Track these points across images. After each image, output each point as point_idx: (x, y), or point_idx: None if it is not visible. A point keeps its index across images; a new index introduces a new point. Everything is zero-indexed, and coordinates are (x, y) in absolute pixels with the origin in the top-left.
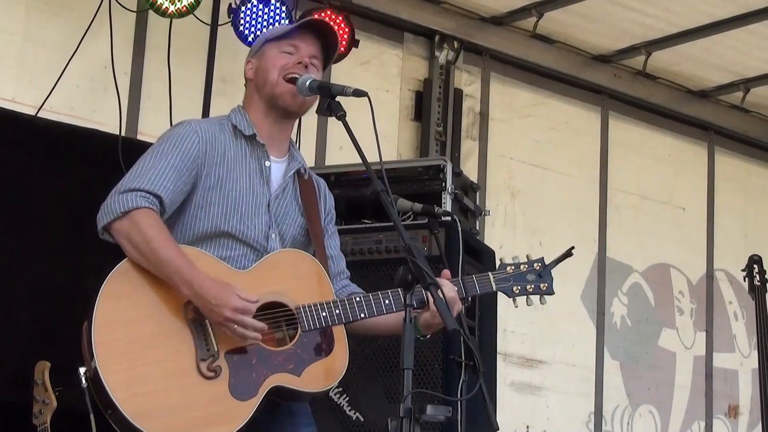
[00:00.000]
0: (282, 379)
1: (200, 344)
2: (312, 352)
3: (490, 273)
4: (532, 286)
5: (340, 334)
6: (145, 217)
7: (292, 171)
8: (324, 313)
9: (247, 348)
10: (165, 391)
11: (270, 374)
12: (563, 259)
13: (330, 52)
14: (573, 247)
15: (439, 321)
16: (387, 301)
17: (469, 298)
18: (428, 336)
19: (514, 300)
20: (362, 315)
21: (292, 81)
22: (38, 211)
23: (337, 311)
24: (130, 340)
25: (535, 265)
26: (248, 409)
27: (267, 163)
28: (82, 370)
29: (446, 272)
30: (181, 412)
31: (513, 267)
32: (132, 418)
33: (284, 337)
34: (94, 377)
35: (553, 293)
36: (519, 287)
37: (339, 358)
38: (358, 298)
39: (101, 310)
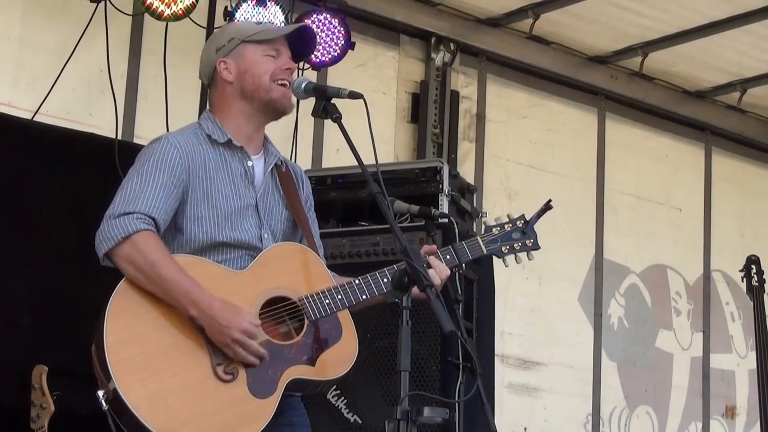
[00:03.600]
0: (298, 372)
1: (213, 349)
2: (322, 341)
3: (478, 237)
4: (519, 244)
5: (346, 318)
6: (147, 240)
7: (271, 166)
8: (327, 301)
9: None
10: (187, 400)
11: (285, 368)
12: (543, 213)
13: (305, 49)
14: (551, 200)
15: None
16: (385, 280)
17: (464, 265)
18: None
19: (504, 260)
20: (364, 297)
21: (283, 86)
22: (36, 215)
23: (340, 297)
24: (144, 356)
25: (518, 222)
26: (270, 405)
27: (249, 163)
28: (100, 393)
29: (431, 248)
30: (206, 418)
31: (498, 228)
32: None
33: (290, 331)
34: (114, 398)
35: (539, 248)
36: (507, 246)
37: (349, 343)
38: (357, 281)
39: (111, 329)
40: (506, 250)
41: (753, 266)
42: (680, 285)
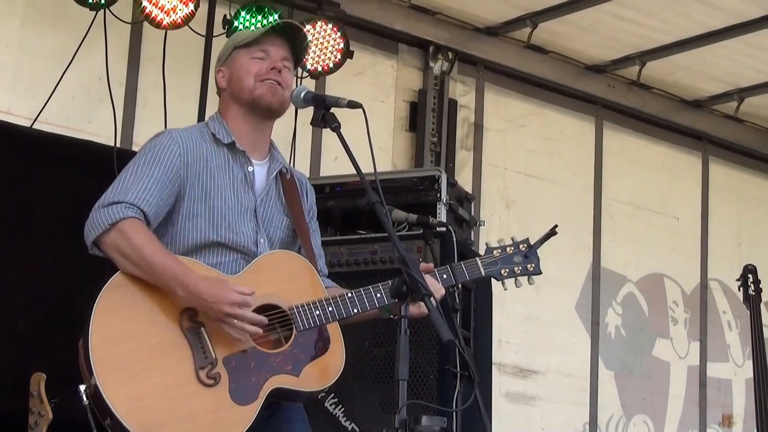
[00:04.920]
0: (282, 381)
1: (197, 352)
2: (309, 352)
3: (477, 258)
4: (520, 268)
5: (335, 331)
6: (132, 226)
7: (275, 172)
8: (317, 312)
9: (244, 352)
10: (166, 402)
11: (269, 376)
12: (547, 238)
13: (300, 51)
14: (556, 225)
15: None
16: (378, 295)
17: (459, 285)
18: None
19: (503, 283)
20: (355, 310)
21: (270, 84)
22: (34, 221)
23: (330, 309)
24: (127, 354)
25: (521, 246)
26: (250, 413)
27: (250, 168)
28: (82, 387)
29: (428, 266)
30: (184, 422)
31: (499, 250)
32: (136, 431)
33: (279, 339)
34: (94, 393)
35: (541, 273)
36: (507, 270)
37: (336, 356)
38: (350, 294)
39: (96, 325)
40: (506, 273)
41: (750, 275)
42: (677, 294)
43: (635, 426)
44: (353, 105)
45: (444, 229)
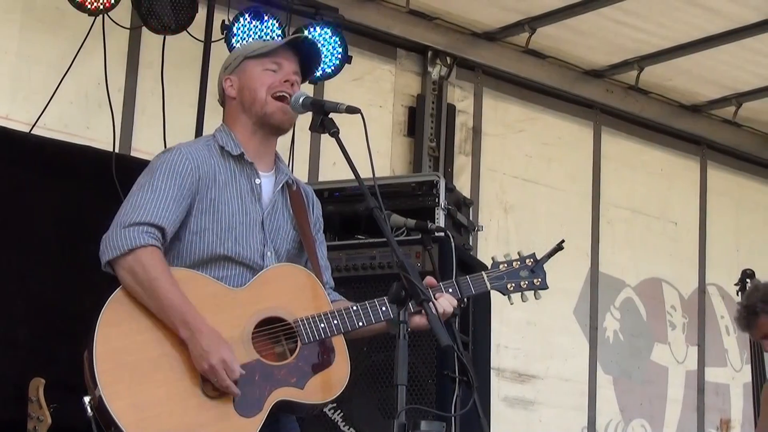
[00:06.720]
0: (286, 393)
1: None
2: (313, 364)
3: (483, 272)
4: (526, 282)
5: (340, 344)
6: (151, 256)
7: (281, 184)
8: (322, 325)
9: (249, 365)
10: (171, 413)
11: (274, 389)
12: (554, 253)
13: (311, 67)
14: (563, 241)
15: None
16: (384, 308)
17: (465, 299)
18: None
19: (509, 297)
20: (360, 324)
21: (281, 99)
22: (34, 228)
23: (335, 322)
24: (132, 366)
25: (527, 260)
26: (254, 425)
27: (257, 181)
28: (86, 399)
29: (431, 280)
30: None
31: (505, 264)
32: None
33: (284, 352)
34: (99, 405)
35: (547, 287)
36: (513, 284)
37: (340, 368)
38: (355, 307)
39: (101, 337)
40: (512, 288)
41: (748, 280)
42: (675, 299)
43: (633, 430)
44: (352, 110)
45: (442, 234)
